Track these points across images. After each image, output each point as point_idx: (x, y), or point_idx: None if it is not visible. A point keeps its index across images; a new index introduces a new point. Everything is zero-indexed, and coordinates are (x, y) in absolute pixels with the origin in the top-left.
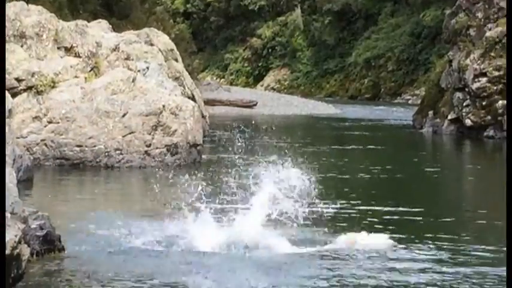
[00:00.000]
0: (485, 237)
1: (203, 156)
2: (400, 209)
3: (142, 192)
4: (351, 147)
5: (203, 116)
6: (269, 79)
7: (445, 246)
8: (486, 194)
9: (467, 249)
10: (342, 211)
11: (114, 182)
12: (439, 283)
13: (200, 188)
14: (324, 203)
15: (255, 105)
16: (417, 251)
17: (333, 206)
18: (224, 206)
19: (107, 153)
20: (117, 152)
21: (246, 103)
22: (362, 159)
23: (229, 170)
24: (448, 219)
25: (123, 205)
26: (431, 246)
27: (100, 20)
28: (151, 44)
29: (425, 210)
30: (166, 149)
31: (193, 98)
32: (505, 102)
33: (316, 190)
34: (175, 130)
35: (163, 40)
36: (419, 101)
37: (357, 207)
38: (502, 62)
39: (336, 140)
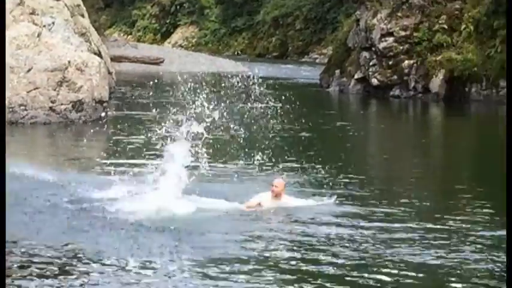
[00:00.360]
0: (389, 189)
1: (109, 113)
2: (305, 165)
3: (46, 148)
4: (258, 105)
5: (109, 73)
6: (177, 36)
7: (349, 202)
8: (388, 152)
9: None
10: (248, 169)
11: (17, 138)
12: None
13: (105, 144)
14: (231, 161)
15: (162, 62)
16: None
17: (239, 163)
18: (127, 162)
19: (11, 109)
20: (21, 107)
21: (153, 60)
22: (268, 117)
23: (135, 127)
24: (352, 176)
25: (25, 159)
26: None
27: None
28: None
29: (329, 167)
30: (71, 105)
31: (99, 55)
32: (411, 62)
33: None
34: (81, 86)
35: None
36: (326, 60)
37: (263, 165)
38: (409, 22)
39: (243, 98)
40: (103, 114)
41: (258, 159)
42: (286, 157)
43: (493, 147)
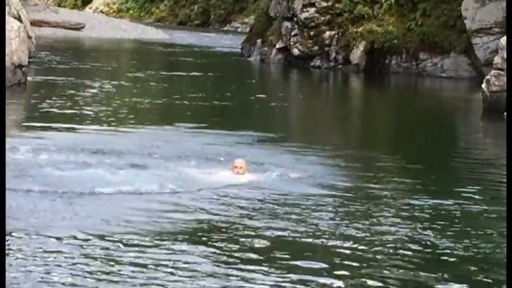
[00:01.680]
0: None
1: (28, 78)
2: (225, 131)
3: None
4: (178, 73)
5: (29, 37)
6: (98, 2)
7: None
8: (307, 121)
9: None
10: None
11: None
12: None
13: (24, 109)
14: (148, 128)
15: (83, 27)
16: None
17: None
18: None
19: None
20: None
21: (74, 25)
22: (189, 86)
23: (55, 92)
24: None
25: None
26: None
27: None
28: None
29: (248, 134)
30: None
31: (19, 19)
32: (332, 33)
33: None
34: None
35: None
36: (248, 29)
37: (185, 133)
38: None
39: (164, 66)
40: (22, 78)
41: (175, 127)
42: (203, 126)
43: (411, 118)
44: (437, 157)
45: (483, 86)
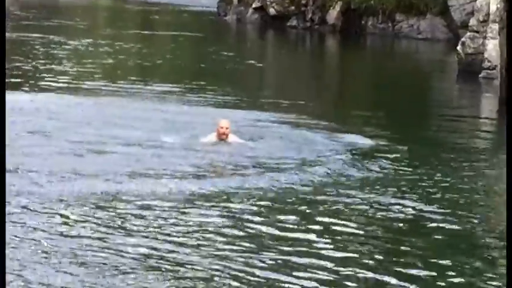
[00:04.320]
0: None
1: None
2: (204, 92)
3: None
4: (154, 32)
5: None
6: None
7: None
8: (282, 80)
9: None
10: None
11: None
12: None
13: None
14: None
15: None
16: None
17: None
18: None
19: None
20: None
21: None
22: (165, 45)
23: (28, 50)
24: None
25: None
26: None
27: None
28: None
29: (226, 95)
30: None
31: None
32: None
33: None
34: None
35: None
36: None
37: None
38: None
39: (140, 25)
40: None
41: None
42: (181, 87)
43: (386, 80)
44: (411, 118)
45: (458, 48)
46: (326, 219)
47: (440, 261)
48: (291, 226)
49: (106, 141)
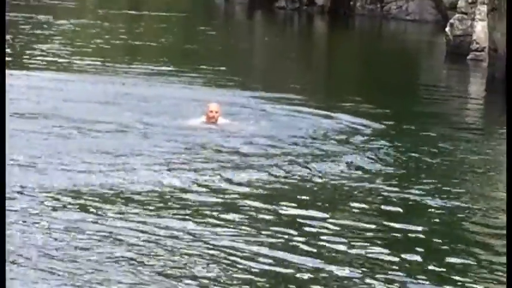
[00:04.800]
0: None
1: None
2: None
3: None
4: (143, 12)
5: None
6: None
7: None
8: (270, 63)
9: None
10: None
11: None
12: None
13: None
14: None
15: None
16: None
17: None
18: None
19: None
20: None
21: None
22: (153, 26)
23: (18, 30)
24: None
25: None
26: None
27: None
28: None
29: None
30: None
31: None
32: None
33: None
34: None
35: None
36: None
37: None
38: None
39: (130, 5)
40: None
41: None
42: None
43: (375, 61)
44: (400, 99)
45: (447, 29)
46: (323, 204)
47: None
48: (284, 212)
49: (92, 123)
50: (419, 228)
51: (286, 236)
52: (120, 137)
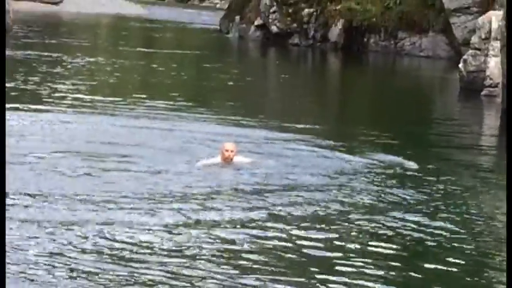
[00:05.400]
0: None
1: (6, 53)
2: (207, 112)
3: None
4: (157, 50)
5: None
6: None
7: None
8: (286, 99)
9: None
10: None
11: None
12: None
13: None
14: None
15: (61, 2)
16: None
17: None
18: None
19: None
20: None
21: (52, 0)
22: (168, 63)
23: (32, 68)
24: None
25: None
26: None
27: None
28: None
29: (230, 115)
30: None
31: None
32: (311, 10)
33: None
34: None
35: None
36: (227, 6)
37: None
38: None
39: (143, 42)
40: None
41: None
42: (184, 106)
43: (389, 97)
44: (413, 133)
45: (460, 65)
46: (343, 242)
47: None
48: (305, 251)
49: (106, 162)
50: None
51: (311, 277)
52: (132, 177)
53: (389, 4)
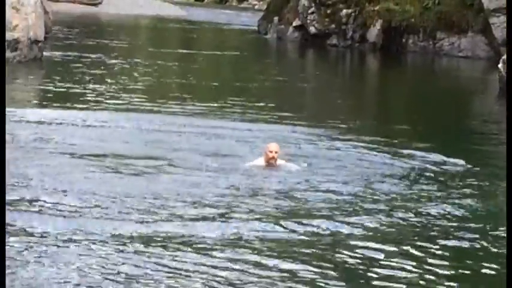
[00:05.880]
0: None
1: (45, 54)
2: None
3: None
4: (195, 51)
5: (46, 12)
6: None
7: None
8: (327, 100)
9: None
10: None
11: None
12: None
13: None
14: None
15: (100, 3)
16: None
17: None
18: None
19: None
20: None
21: (91, 1)
22: (207, 65)
23: (71, 69)
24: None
25: None
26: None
27: None
28: None
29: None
30: (6, 44)
31: None
32: (349, 11)
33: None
34: (16, 25)
35: None
36: (265, 7)
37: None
38: None
39: (181, 43)
40: (38, 54)
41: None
42: (217, 105)
43: (428, 98)
44: (452, 136)
45: (500, 66)
46: (392, 250)
47: None
48: (351, 261)
49: (146, 163)
50: None
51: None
52: (174, 179)
53: (428, 4)
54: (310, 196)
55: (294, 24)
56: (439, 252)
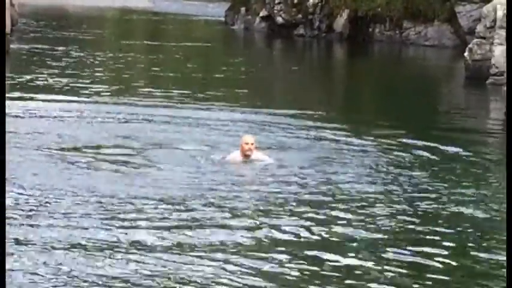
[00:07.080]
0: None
1: (11, 46)
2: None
3: None
4: (162, 43)
5: (12, 5)
6: None
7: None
8: (294, 90)
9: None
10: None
11: None
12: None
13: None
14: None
15: None
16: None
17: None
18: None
19: None
20: None
21: None
22: (174, 56)
23: (38, 62)
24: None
25: None
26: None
27: None
28: None
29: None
30: None
31: None
32: (316, 1)
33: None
34: None
35: None
36: None
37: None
38: None
39: (148, 35)
40: (5, 47)
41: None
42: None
43: (394, 86)
44: (420, 121)
45: (465, 54)
46: (366, 239)
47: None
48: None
49: (118, 157)
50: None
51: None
52: (147, 174)
53: None
54: (285, 191)
55: (261, 14)
56: (429, 240)
